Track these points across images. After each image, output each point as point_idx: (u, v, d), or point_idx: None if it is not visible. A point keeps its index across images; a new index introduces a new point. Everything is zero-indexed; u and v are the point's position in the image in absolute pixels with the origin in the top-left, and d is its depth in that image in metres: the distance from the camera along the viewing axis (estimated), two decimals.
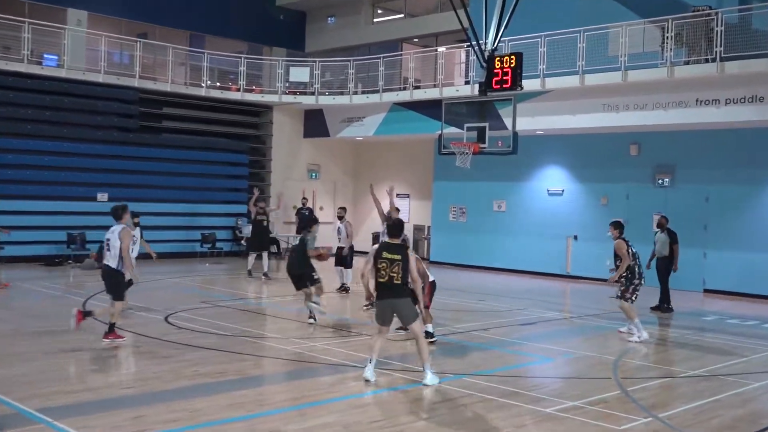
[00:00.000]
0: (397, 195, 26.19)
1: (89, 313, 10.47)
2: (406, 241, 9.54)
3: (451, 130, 14.88)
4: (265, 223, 19.22)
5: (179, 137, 24.03)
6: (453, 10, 14.68)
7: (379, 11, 28.11)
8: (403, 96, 22.85)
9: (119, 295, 10.44)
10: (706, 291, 18.89)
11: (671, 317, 14.97)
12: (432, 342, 10.79)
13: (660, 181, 19.72)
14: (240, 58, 24.73)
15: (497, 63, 13.35)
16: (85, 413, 7.20)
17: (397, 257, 8.70)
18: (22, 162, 20.79)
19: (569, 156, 21.51)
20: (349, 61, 24.17)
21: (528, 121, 19.15)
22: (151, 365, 9.39)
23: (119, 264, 10.29)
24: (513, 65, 13.13)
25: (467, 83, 21.13)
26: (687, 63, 17.47)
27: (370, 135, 24.59)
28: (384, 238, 13.57)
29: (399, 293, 8.72)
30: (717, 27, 16.68)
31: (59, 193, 21.20)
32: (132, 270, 11.08)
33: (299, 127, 26.66)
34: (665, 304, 15.51)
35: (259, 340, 11.24)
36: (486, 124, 13.80)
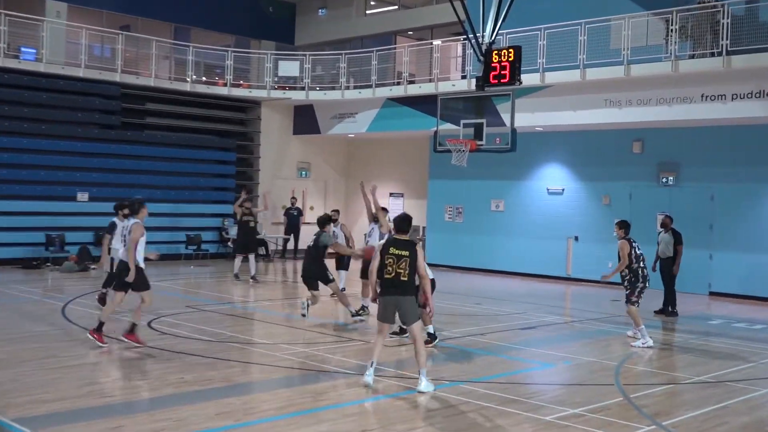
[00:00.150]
0: (391, 194, 26.24)
1: (101, 326, 10.56)
2: (413, 237, 9.61)
3: (447, 126, 14.90)
4: (252, 224, 19.20)
5: (163, 134, 23.99)
6: (449, 1, 14.65)
7: (372, 2, 28.09)
8: (397, 91, 22.85)
9: (142, 287, 10.66)
10: (711, 294, 18.94)
11: (676, 321, 15.00)
12: (433, 345, 11.07)
13: (664, 180, 19.77)
14: (227, 51, 24.68)
15: (495, 57, 13.36)
16: (63, 423, 7.16)
17: (405, 253, 8.73)
18: None
19: (570, 154, 21.55)
20: (341, 55, 24.16)
21: (527, 118, 19.17)
22: (134, 372, 9.36)
23: (135, 257, 10.56)
24: (511, 59, 13.14)
25: (464, 78, 21.17)
26: (692, 57, 17.52)
27: (362, 132, 24.59)
28: (370, 239, 13.68)
29: (405, 290, 8.75)
30: (723, 19, 16.72)
31: (38, 193, 21.11)
32: (106, 262, 12.95)
33: (289, 124, 26.65)
34: (669, 307, 15.53)
35: (247, 345, 11.22)
36: (483, 120, 13.83)
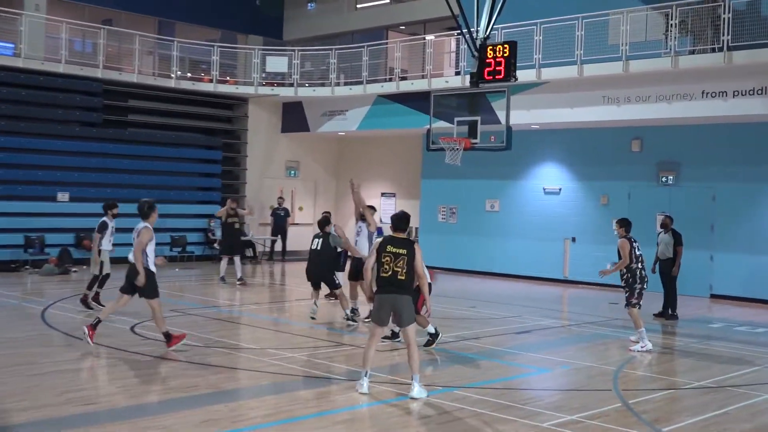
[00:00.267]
0: (383, 194, 26.26)
1: (98, 323, 10.75)
2: (410, 235, 9.65)
3: (441, 124, 14.92)
4: (237, 226, 19.16)
5: (146, 132, 23.93)
6: None
7: None
8: (389, 88, 22.85)
9: (152, 294, 10.67)
10: (713, 296, 19.01)
11: (676, 324, 15.05)
12: (435, 344, 11.37)
13: (664, 179, 19.84)
14: (212, 46, 24.64)
15: (490, 52, 13.40)
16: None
17: (402, 251, 8.72)
18: None
19: (567, 152, 21.59)
20: (331, 50, 24.15)
21: (522, 115, 19.21)
22: (116, 379, 9.33)
23: (146, 261, 10.59)
24: (506, 55, 13.18)
25: (458, 74, 21.16)
26: (692, 52, 17.60)
27: (353, 130, 24.58)
28: (359, 238, 13.71)
29: (402, 289, 8.73)
30: (724, 14, 16.79)
31: (16, 193, 21.01)
32: (97, 262, 13.63)
33: (277, 121, 26.63)
34: (670, 310, 15.57)
35: (234, 351, 11.20)
36: (478, 117, 13.86)
